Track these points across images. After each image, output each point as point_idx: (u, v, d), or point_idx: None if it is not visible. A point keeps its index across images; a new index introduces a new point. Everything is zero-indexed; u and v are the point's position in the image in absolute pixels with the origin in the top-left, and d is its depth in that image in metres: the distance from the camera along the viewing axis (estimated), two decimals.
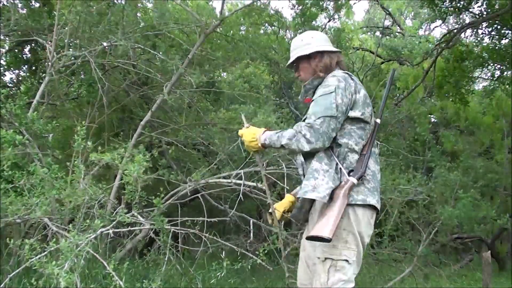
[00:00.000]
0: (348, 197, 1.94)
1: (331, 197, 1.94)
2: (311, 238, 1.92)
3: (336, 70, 2.16)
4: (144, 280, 3.26)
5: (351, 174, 1.99)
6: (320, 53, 2.16)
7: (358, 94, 2.06)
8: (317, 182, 1.95)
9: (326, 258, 1.94)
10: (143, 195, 3.31)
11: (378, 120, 2.15)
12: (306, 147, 1.96)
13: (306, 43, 2.18)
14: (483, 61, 8.36)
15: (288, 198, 2.30)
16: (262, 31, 9.29)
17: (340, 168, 1.99)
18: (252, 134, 2.10)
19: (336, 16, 9.44)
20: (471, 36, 8.50)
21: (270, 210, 2.24)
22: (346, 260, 1.94)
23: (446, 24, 10.22)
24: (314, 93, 2.16)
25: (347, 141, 2.02)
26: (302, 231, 2.41)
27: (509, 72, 8.71)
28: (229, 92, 6.05)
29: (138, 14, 6.31)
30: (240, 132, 2.17)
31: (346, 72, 2.15)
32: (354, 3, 10.10)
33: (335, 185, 1.96)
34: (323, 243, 1.93)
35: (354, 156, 2.02)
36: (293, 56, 2.22)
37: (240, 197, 4.16)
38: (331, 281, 1.90)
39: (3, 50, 6.10)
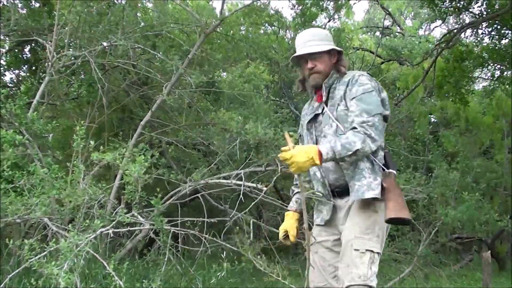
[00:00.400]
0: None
1: (382, 188, 1.97)
2: (389, 221, 1.93)
3: (351, 72, 2.15)
4: (144, 280, 3.26)
5: (389, 168, 2.02)
6: (340, 53, 2.15)
7: (383, 93, 2.08)
8: (367, 181, 1.97)
9: (366, 250, 1.93)
10: (143, 195, 3.31)
11: None
12: (373, 147, 1.92)
13: (330, 39, 2.15)
14: (483, 61, 8.36)
15: (294, 217, 2.23)
16: (262, 31, 9.29)
17: (378, 164, 2.02)
18: (305, 154, 1.83)
19: (336, 16, 9.45)
20: (471, 36, 8.50)
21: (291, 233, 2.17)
22: (379, 254, 1.98)
23: (446, 24, 10.23)
24: (328, 91, 2.11)
25: None
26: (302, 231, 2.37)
27: (509, 72, 8.71)
28: (229, 92, 6.05)
29: (138, 14, 6.31)
30: (285, 155, 1.85)
31: None
32: (354, 3, 10.10)
33: (381, 178, 2.00)
34: (360, 236, 1.94)
35: (381, 153, 2.07)
36: (321, 45, 2.09)
37: (241, 198, 4.15)
38: (370, 273, 1.91)
39: (3, 50, 6.10)
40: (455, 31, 8.08)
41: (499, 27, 7.61)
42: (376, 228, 1.98)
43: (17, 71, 6.85)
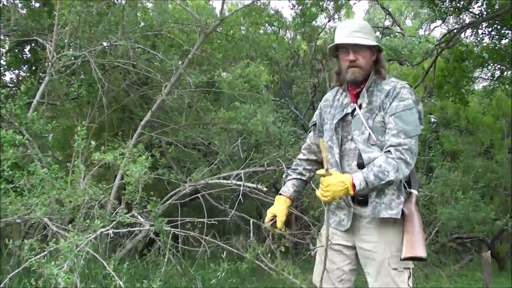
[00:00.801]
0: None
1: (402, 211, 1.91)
2: (407, 259, 1.88)
3: (389, 76, 2.05)
4: (144, 281, 3.26)
5: (411, 186, 1.98)
6: (379, 52, 2.03)
7: (420, 106, 1.97)
8: (388, 198, 1.91)
9: (404, 268, 1.91)
10: (143, 196, 3.30)
11: None
12: (406, 172, 1.85)
13: (374, 35, 2.03)
14: (483, 61, 8.35)
15: (286, 203, 2.15)
16: (262, 31, 9.29)
17: (401, 180, 1.95)
18: (341, 183, 1.78)
19: (336, 16, 9.45)
20: (471, 36, 8.49)
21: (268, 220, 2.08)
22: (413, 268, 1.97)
23: (446, 24, 10.22)
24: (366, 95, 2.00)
25: None
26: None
27: (509, 72, 8.71)
28: (229, 92, 6.05)
29: (138, 14, 6.31)
30: (324, 181, 1.79)
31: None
32: (354, 3, 10.11)
33: (404, 198, 1.94)
34: (397, 254, 1.90)
35: None
36: (367, 39, 1.96)
37: (240, 198, 4.15)
38: None
39: (3, 50, 6.10)
40: (455, 31, 8.07)
41: (499, 27, 7.61)
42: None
43: (17, 71, 6.85)
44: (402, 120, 1.87)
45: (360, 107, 2.00)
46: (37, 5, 6.11)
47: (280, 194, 2.19)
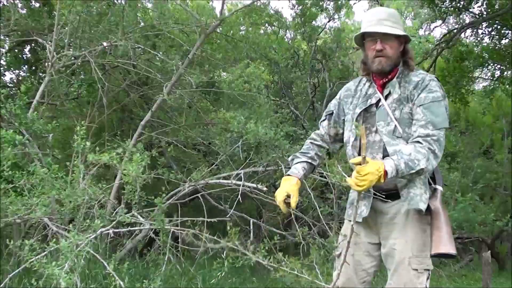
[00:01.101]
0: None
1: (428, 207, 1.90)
2: (436, 256, 1.86)
3: (416, 69, 2.00)
4: (144, 280, 3.26)
5: (436, 182, 1.96)
6: (406, 42, 1.97)
7: (446, 100, 1.92)
8: (419, 191, 1.89)
9: (424, 270, 1.88)
10: (143, 195, 3.30)
11: None
12: (435, 164, 1.81)
13: (402, 24, 1.96)
14: (483, 61, 8.37)
15: (297, 184, 2.00)
16: (262, 31, 9.29)
17: (427, 177, 1.94)
18: (377, 172, 1.67)
19: (336, 16, 9.45)
20: (471, 36, 8.50)
21: (283, 199, 1.95)
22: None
23: (446, 24, 10.21)
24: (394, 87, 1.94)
25: None
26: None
27: (509, 72, 8.72)
28: (229, 92, 6.05)
29: (138, 14, 6.31)
30: (361, 170, 1.65)
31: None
32: (354, 3, 10.10)
33: (429, 194, 1.92)
34: (418, 254, 1.88)
35: None
36: (396, 29, 1.89)
37: (239, 198, 4.15)
38: None
39: (3, 50, 6.09)
40: (455, 31, 8.08)
41: (499, 27, 7.62)
42: (428, 243, 1.91)
43: (17, 71, 6.84)
44: (431, 111, 1.83)
45: (386, 98, 1.94)
46: (37, 5, 6.11)
47: (289, 175, 2.05)
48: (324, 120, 2.18)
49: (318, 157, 2.13)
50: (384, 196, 1.92)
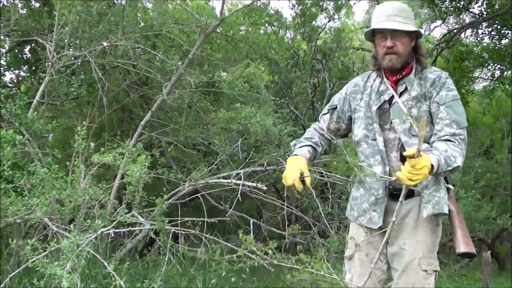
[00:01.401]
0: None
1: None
2: (462, 255, 1.84)
3: (430, 66, 1.96)
4: (144, 280, 3.26)
5: (448, 181, 1.94)
6: (418, 37, 1.90)
7: None
8: (443, 193, 1.86)
9: (433, 271, 1.86)
10: (143, 195, 3.30)
11: None
12: (461, 162, 1.75)
13: (413, 18, 1.89)
14: (483, 61, 8.37)
15: (307, 163, 1.87)
16: (262, 31, 9.29)
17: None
18: (428, 166, 1.60)
19: (336, 16, 9.45)
20: (471, 36, 8.50)
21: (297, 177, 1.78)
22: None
23: (446, 24, 10.22)
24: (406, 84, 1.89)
25: None
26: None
27: (509, 72, 8.71)
28: (229, 92, 6.05)
29: (138, 14, 6.31)
30: (418, 163, 1.55)
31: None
32: (354, 3, 10.10)
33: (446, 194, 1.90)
34: (428, 255, 1.86)
35: None
36: (407, 25, 1.83)
37: (239, 198, 4.15)
38: None
39: (3, 50, 6.09)
40: (455, 31, 8.08)
41: (499, 27, 7.62)
42: (437, 243, 1.90)
43: (17, 71, 6.84)
44: (454, 110, 1.80)
45: (400, 94, 1.89)
46: (37, 5, 6.10)
47: (296, 155, 1.92)
48: (326, 113, 2.11)
49: (321, 145, 2.04)
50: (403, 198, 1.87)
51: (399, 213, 1.85)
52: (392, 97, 1.90)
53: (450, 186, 1.92)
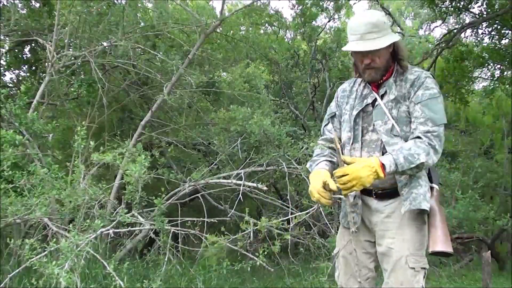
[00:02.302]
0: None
1: None
2: (435, 254, 1.87)
3: (412, 67, 1.99)
4: (144, 280, 3.26)
5: (432, 181, 1.96)
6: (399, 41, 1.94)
7: (441, 97, 1.93)
8: (423, 190, 1.88)
9: (421, 268, 1.89)
10: (143, 195, 3.30)
11: None
12: (435, 159, 1.80)
13: (388, 26, 1.90)
14: (483, 61, 8.36)
15: (328, 173, 1.92)
16: (262, 31, 9.30)
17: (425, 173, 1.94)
18: (368, 167, 1.71)
19: (336, 16, 9.45)
20: (471, 36, 8.49)
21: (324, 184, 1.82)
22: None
23: (446, 24, 10.21)
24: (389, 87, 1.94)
25: None
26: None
27: (509, 72, 8.71)
28: (229, 92, 6.05)
29: (138, 14, 6.31)
30: (347, 170, 1.71)
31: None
32: (354, 3, 10.10)
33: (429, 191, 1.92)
34: (415, 253, 1.88)
35: None
36: (381, 39, 1.85)
37: (240, 198, 4.15)
38: None
39: (3, 50, 6.09)
40: (455, 31, 8.07)
41: (499, 27, 7.61)
42: (425, 241, 1.92)
43: (17, 71, 6.84)
44: (429, 108, 1.83)
45: (382, 97, 1.95)
46: (37, 5, 6.10)
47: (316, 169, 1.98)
48: (327, 124, 2.15)
49: (333, 156, 2.08)
50: (375, 196, 1.94)
51: (357, 220, 1.97)
52: (375, 99, 1.96)
53: (434, 186, 1.94)
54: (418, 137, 1.81)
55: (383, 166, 1.74)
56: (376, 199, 1.95)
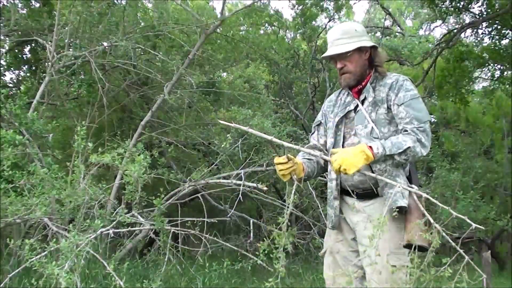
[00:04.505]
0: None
1: None
2: (407, 246, 1.89)
3: (390, 73, 2.09)
4: (144, 280, 3.26)
5: (412, 182, 1.99)
6: (374, 48, 2.05)
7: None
8: (400, 188, 1.89)
9: (402, 266, 1.92)
10: (143, 195, 3.30)
11: None
12: (423, 152, 1.87)
13: (361, 34, 2.01)
14: (483, 61, 8.36)
15: (301, 164, 1.99)
16: (262, 31, 9.29)
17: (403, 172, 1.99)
18: (355, 149, 1.80)
19: (336, 16, 9.44)
20: (471, 36, 8.49)
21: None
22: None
23: (446, 24, 10.21)
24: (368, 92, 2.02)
25: None
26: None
27: (509, 72, 8.70)
28: (229, 92, 6.05)
29: (138, 15, 6.31)
30: (335, 151, 1.84)
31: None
32: (354, 3, 10.11)
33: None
34: (395, 251, 1.92)
35: (408, 165, 2.05)
36: (350, 44, 1.97)
37: (240, 198, 4.15)
38: None
39: (3, 50, 6.09)
40: (455, 31, 8.07)
41: (499, 27, 7.61)
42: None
43: (17, 71, 6.84)
44: (413, 108, 1.91)
45: (362, 102, 2.03)
46: (37, 5, 6.11)
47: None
48: (313, 132, 2.26)
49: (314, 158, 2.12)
50: (357, 200, 1.99)
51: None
52: (357, 105, 2.05)
53: (414, 187, 1.94)
54: (405, 131, 1.89)
55: (371, 148, 1.81)
56: (357, 199, 2.01)
